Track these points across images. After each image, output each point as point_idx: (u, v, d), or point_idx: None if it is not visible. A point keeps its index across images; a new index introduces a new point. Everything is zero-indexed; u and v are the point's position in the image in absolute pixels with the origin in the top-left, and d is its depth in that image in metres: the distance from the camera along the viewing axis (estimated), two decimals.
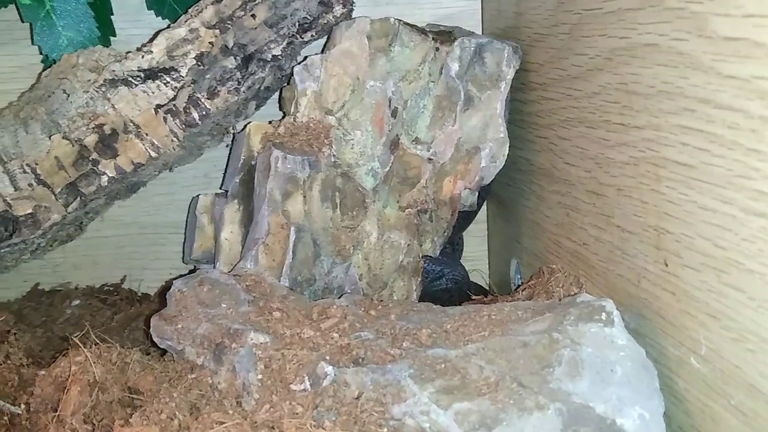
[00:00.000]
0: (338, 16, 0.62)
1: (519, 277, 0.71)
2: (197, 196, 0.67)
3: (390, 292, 0.64)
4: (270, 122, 0.62)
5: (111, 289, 0.76)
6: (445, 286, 0.71)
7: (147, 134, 0.60)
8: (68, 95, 0.60)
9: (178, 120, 0.60)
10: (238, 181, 0.63)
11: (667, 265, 0.42)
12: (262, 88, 0.64)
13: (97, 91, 0.60)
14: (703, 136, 0.37)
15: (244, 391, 0.43)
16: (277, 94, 0.68)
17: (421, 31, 0.62)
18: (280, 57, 0.62)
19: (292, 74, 0.62)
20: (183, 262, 0.70)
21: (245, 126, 0.62)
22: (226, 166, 0.69)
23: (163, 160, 0.63)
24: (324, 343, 0.45)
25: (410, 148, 0.64)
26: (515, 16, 0.66)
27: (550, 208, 0.61)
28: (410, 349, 0.44)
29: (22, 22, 0.66)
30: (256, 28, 0.61)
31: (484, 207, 0.78)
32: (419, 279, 0.65)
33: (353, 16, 0.63)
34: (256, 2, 0.61)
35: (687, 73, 0.38)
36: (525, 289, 0.60)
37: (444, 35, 0.64)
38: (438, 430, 0.39)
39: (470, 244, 0.78)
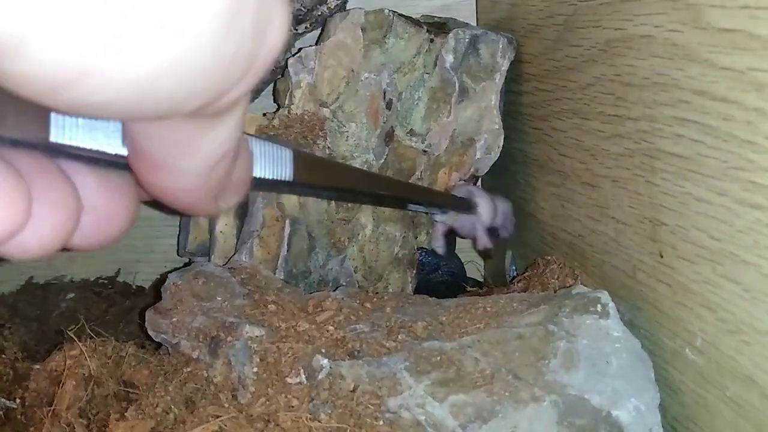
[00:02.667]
0: (332, 7, 0.62)
1: (514, 268, 0.71)
2: None
3: (385, 284, 0.64)
4: (264, 114, 0.62)
5: (105, 282, 0.76)
6: (441, 278, 0.71)
7: None
8: None
9: None
10: None
11: (662, 257, 0.42)
12: None
13: None
14: (698, 128, 0.37)
15: (239, 385, 0.43)
16: (271, 86, 0.67)
17: (416, 22, 0.62)
18: None
19: (286, 66, 0.61)
20: (178, 255, 0.70)
21: None
22: None
23: None
24: (319, 335, 0.45)
25: (405, 140, 0.63)
26: (510, 7, 0.65)
27: (545, 200, 0.61)
28: (406, 342, 0.44)
29: None
30: None
31: None
32: (414, 271, 0.65)
33: (348, 7, 0.63)
34: None
35: (682, 65, 0.38)
36: (520, 280, 0.60)
37: (438, 27, 0.64)
38: (434, 422, 0.39)
39: None
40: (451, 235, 0.70)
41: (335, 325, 0.46)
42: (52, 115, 0.20)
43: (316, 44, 0.62)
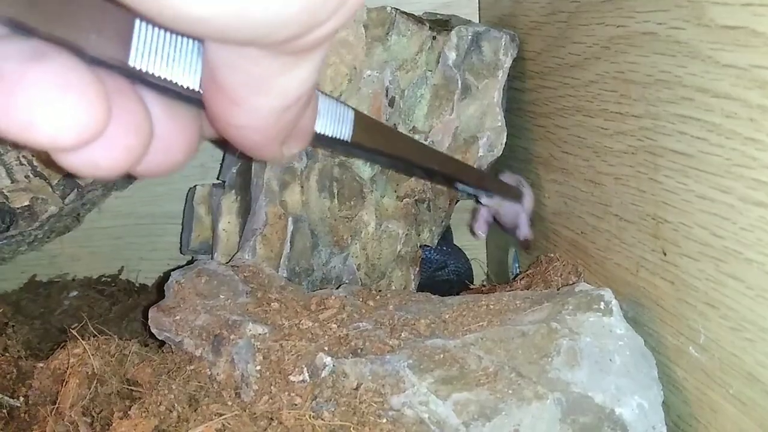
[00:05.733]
0: None
1: (517, 266, 0.71)
2: (195, 186, 0.67)
3: (388, 282, 0.64)
4: None
5: (108, 280, 0.76)
6: (447, 276, 0.71)
7: None
8: None
9: None
10: (235, 171, 0.62)
11: (665, 254, 0.42)
12: None
13: None
14: (701, 125, 0.37)
15: (242, 383, 0.43)
16: None
17: (418, 19, 0.62)
18: None
19: None
20: (180, 253, 0.70)
21: None
22: (223, 156, 0.69)
23: None
24: (322, 333, 0.45)
25: None
26: (512, 4, 0.65)
27: (548, 197, 0.61)
28: (409, 340, 0.44)
29: None
30: None
31: None
32: (417, 269, 0.65)
33: None
34: None
35: (685, 62, 0.38)
36: (523, 278, 0.60)
37: (441, 24, 0.64)
38: (437, 420, 0.39)
39: (468, 233, 0.78)
40: (447, 229, 0.71)
41: (338, 323, 0.46)
42: (134, 40, 0.21)
43: None
